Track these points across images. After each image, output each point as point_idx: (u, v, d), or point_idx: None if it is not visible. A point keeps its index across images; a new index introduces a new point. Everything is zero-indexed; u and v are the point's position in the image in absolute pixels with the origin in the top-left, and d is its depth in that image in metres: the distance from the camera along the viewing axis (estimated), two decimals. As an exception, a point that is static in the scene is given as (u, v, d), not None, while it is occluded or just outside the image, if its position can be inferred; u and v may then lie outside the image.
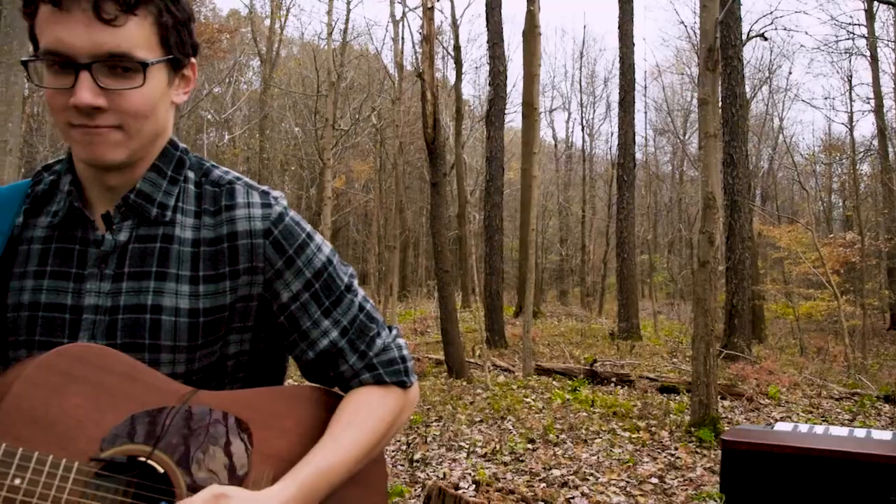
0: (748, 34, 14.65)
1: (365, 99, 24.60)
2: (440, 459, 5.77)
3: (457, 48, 20.59)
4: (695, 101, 31.64)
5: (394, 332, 1.27)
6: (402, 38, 25.24)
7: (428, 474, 5.30)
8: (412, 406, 1.28)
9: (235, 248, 1.14)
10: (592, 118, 34.31)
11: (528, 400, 8.32)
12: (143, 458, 1.02)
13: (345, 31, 23.11)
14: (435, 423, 7.00)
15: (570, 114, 36.92)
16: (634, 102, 14.09)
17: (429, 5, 9.56)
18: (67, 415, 0.97)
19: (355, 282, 1.25)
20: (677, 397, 8.52)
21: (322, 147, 15.47)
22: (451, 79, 24.15)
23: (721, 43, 10.73)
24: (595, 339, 15.04)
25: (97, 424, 0.99)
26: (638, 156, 15.49)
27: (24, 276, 1.12)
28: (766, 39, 23.22)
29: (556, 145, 36.70)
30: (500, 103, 14.11)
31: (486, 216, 14.94)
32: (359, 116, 23.37)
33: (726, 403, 8.18)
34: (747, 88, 17.40)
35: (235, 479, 1.08)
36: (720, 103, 11.81)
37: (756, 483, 3.26)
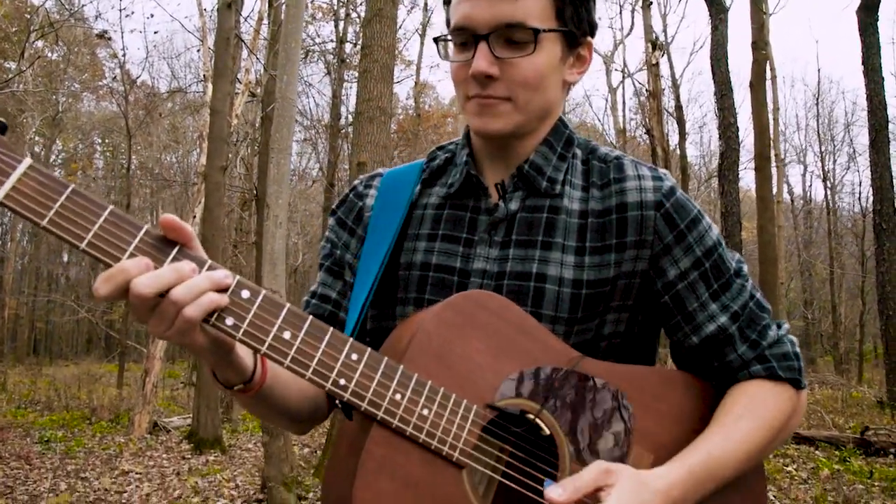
0: None
1: (586, 168, 24.70)
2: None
3: (678, 107, 20.10)
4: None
5: (784, 327, 1.17)
6: (624, 103, 25.34)
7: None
8: (801, 412, 1.16)
9: (624, 219, 1.11)
10: (833, 169, 31.28)
11: (788, 469, 7.56)
12: (532, 416, 1.00)
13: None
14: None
15: (805, 167, 34.09)
16: (888, 142, 12.71)
17: (653, 62, 9.51)
18: (468, 357, 0.99)
19: (745, 267, 1.17)
20: (978, 471, 7.29)
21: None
22: (673, 141, 23.58)
23: None
24: (859, 407, 13.39)
25: (494, 372, 1.00)
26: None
27: (417, 238, 1.18)
28: None
29: (792, 201, 33.96)
30: (733, 155, 13.41)
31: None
32: (581, 185, 23.43)
33: None
34: None
35: (616, 456, 1.03)
36: None
37: None
